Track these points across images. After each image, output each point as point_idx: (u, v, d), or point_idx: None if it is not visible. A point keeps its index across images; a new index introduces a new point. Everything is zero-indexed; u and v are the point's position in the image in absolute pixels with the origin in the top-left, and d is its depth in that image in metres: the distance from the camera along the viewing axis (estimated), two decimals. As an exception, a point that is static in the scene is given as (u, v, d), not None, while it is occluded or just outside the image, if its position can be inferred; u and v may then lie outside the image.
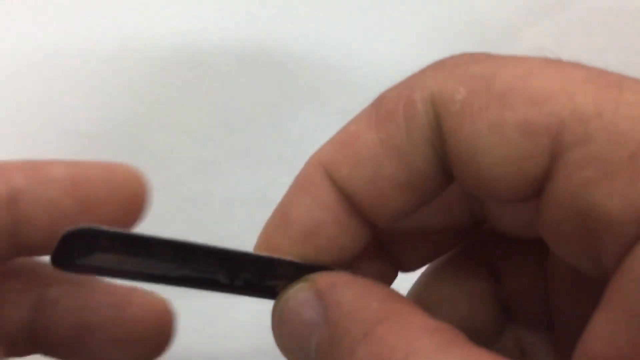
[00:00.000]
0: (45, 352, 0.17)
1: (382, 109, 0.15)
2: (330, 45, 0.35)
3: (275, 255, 0.16)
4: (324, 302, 0.15)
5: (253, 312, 0.18)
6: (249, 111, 0.35)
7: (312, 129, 0.34)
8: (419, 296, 0.19)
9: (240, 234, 0.19)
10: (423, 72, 0.15)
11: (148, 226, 0.17)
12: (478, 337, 0.13)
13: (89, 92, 0.35)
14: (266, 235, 0.16)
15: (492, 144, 0.13)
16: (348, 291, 0.15)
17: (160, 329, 0.18)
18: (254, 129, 0.35)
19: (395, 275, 0.19)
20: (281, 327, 0.16)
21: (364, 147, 0.15)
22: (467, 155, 0.14)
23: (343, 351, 0.13)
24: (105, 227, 0.14)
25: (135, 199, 0.17)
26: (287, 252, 0.16)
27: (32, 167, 0.16)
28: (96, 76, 0.35)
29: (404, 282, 0.22)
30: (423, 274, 0.20)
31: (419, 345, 0.12)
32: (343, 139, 0.16)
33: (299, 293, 0.15)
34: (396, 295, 0.15)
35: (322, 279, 0.15)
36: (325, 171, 0.16)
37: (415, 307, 0.14)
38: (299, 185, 0.16)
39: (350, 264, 0.17)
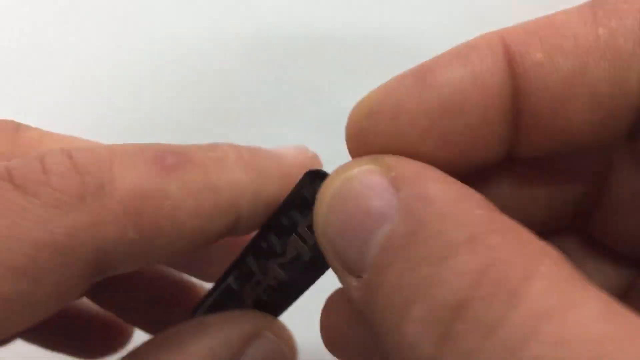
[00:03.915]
0: None
1: (609, 4, 0.13)
2: (330, 44, 0.35)
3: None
4: (402, 193, 0.12)
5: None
6: (247, 109, 0.35)
7: (313, 128, 0.34)
8: None
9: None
10: None
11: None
12: None
13: (87, 90, 0.35)
14: (389, 89, 0.13)
15: None
16: (438, 188, 0.12)
17: None
18: (253, 127, 0.35)
19: None
20: (334, 210, 0.13)
21: (572, 38, 0.12)
22: None
23: (433, 253, 0.11)
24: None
25: None
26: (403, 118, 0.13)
27: None
28: (94, 74, 0.35)
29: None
30: None
31: (543, 271, 0.10)
32: (543, 24, 0.13)
33: (367, 175, 0.13)
34: (495, 206, 0.12)
35: (403, 165, 0.13)
36: (505, 50, 0.13)
37: (522, 225, 0.12)
38: (459, 52, 0.13)
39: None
